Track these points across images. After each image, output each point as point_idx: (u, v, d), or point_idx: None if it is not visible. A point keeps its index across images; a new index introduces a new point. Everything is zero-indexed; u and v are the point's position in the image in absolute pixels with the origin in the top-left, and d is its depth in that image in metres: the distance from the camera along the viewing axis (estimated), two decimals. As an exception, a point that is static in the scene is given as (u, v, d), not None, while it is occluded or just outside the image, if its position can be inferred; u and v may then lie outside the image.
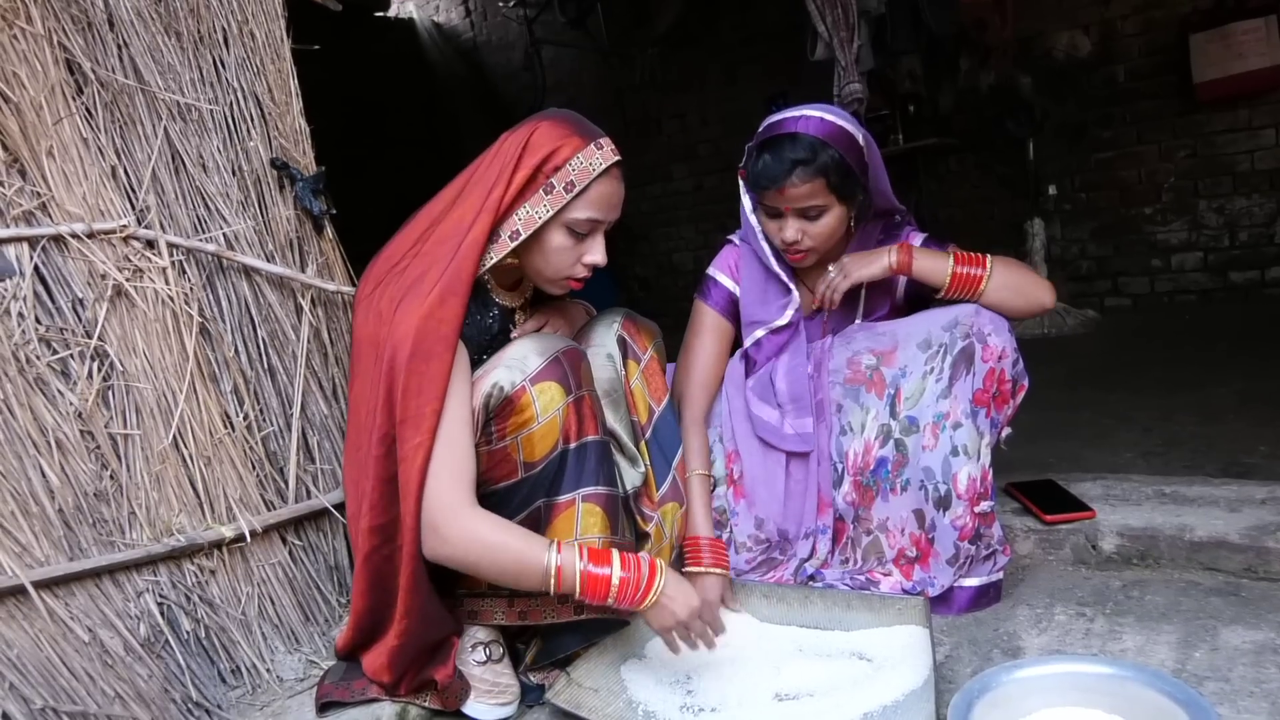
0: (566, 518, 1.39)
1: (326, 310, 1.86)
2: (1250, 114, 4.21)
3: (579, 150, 1.36)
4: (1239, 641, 1.38)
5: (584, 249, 1.42)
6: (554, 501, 1.39)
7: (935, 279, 1.61)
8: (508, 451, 1.36)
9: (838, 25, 3.58)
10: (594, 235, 1.42)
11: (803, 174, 1.58)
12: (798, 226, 1.63)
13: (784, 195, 1.61)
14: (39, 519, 1.38)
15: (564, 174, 1.36)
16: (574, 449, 1.39)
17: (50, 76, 1.52)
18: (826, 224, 1.64)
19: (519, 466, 1.37)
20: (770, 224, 1.69)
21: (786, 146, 1.59)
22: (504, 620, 1.47)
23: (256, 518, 1.62)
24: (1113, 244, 4.70)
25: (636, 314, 1.67)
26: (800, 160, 1.58)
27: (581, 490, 1.39)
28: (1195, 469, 2.12)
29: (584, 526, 1.39)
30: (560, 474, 1.39)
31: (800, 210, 1.62)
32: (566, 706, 1.39)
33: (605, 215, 1.41)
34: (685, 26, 5.76)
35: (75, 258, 1.51)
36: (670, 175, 6.32)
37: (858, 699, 1.33)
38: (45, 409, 1.43)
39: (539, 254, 1.42)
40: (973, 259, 1.60)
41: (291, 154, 1.85)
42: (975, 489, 1.55)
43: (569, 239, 1.40)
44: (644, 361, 1.64)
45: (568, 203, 1.37)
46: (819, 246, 1.66)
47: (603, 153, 1.39)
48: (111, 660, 1.37)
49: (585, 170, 1.36)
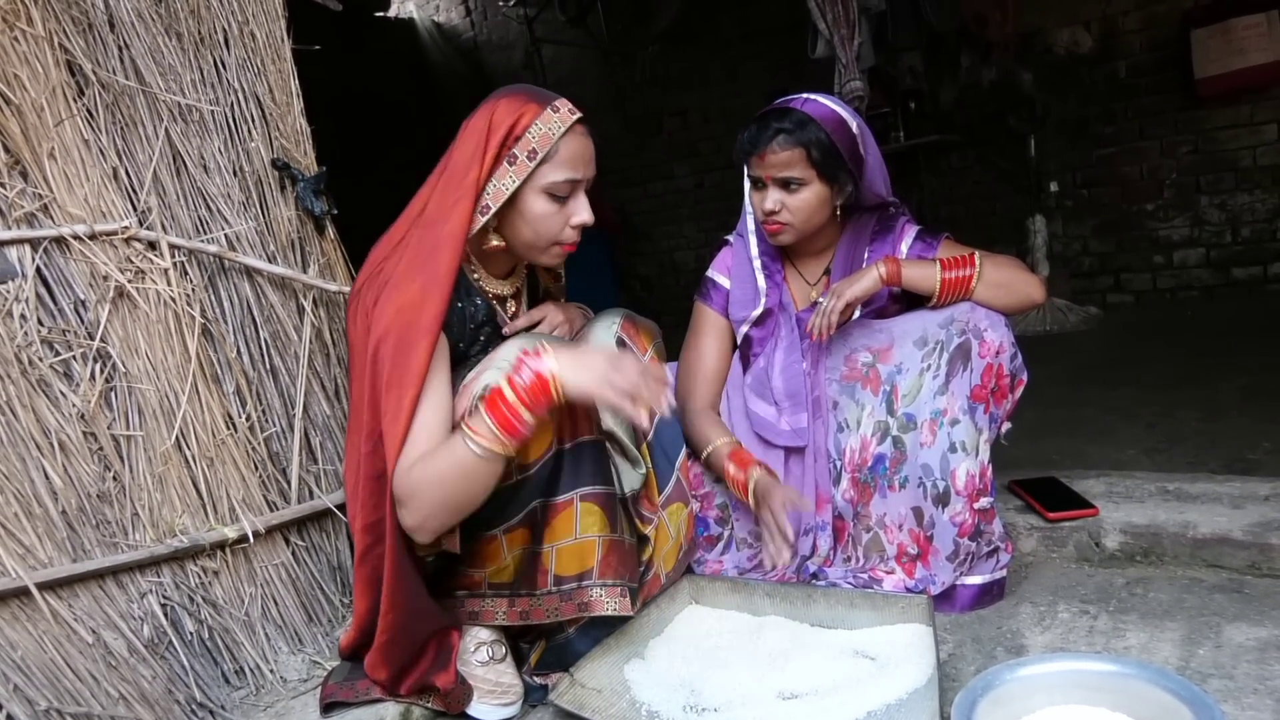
0: (565, 517, 1.39)
1: (328, 311, 1.86)
2: (1252, 109, 4.20)
3: (537, 116, 1.38)
4: (1243, 638, 1.38)
5: (569, 211, 1.43)
6: (551, 502, 1.39)
7: (925, 287, 1.61)
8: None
9: (838, 23, 3.58)
10: (575, 196, 1.43)
11: (784, 141, 1.62)
12: (777, 197, 1.67)
13: (764, 161, 1.65)
14: (42, 520, 1.39)
15: (525, 142, 1.37)
16: (569, 450, 1.39)
17: (51, 78, 1.52)
18: (805, 199, 1.66)
19: (514, 469, 1.36)
20: (755, 196, 1.72)
21: (774, 118, 1.65)
22: (505, 620, 1.47)
23: (259, 518, 1.62)
24: (1115, 240, 4.69)
25: (635, 314, 1.66)
26: (783, 129, 1.62)
27: (580, 490, 1.39)
28: (1198, 465, 2.12)
29: (583, 526, 1.39)
30: (557, 475, 1.39)
31: (780, 180, 1.65)
32: (570, 707, 1.39)
33: (580, 173, 1.42)
34: (686, 23, 5.75)
35: (77, 259, 1.52)
36: (671, 173, 6.31)
37: (861, 697, 1.33)
38: (48, 410, 1.44)
39: (525, 225, 1.42)
40: (960, 261, 1.60)
41: (293, 154, 1.85)
42: (974, 485, 1.55)
43: (551, 204, 1.41)
44: (644, 362, 1.64)
45: (534, 169, 1.38)
46: (796, 222, 1.68)
47: (560, 114, 1.40)
48: (115, 661, 1.37)
49: (545, 136, 1.38)
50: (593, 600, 1.41)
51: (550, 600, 1.42)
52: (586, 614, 1.42)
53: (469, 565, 1.46)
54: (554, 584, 1.41)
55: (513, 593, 1.44)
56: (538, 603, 1.44)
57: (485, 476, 1.26)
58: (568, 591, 1.41)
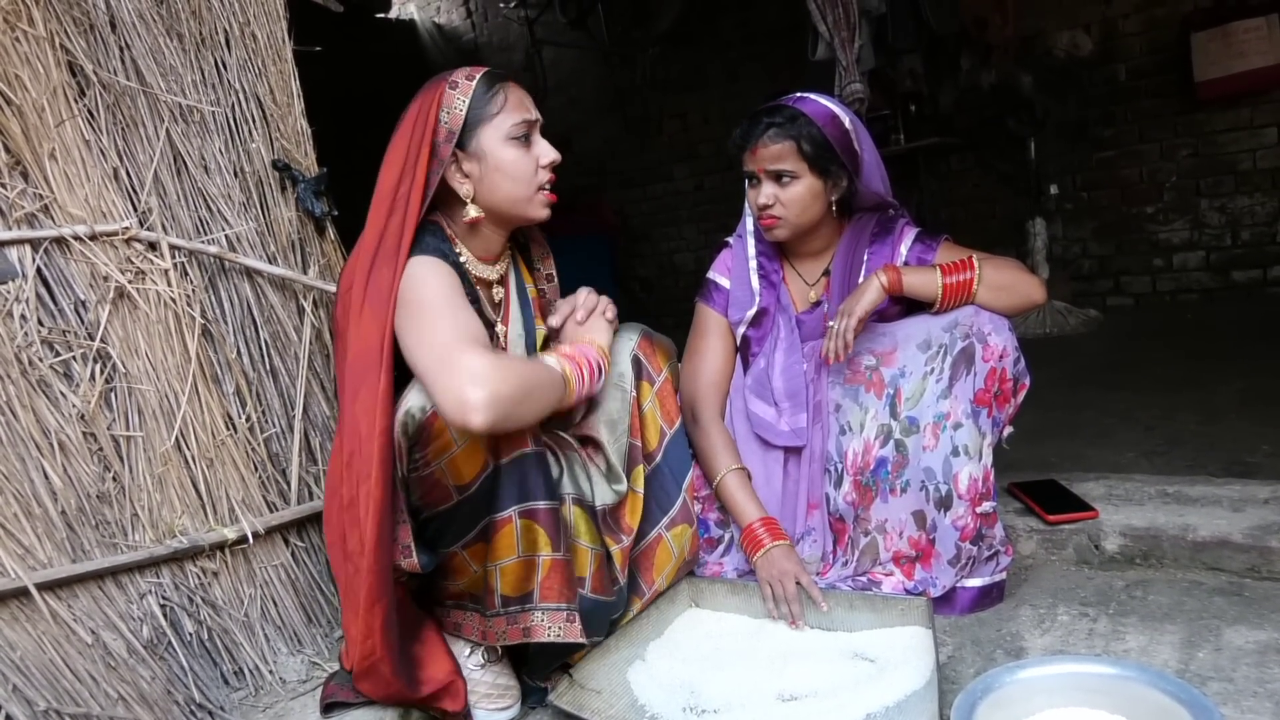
0: (506, 534, 1.34)
1: (328, 312, 1.86)
2: (1252, 113, 4.21)
3: (440, 104, 1.41)
4: (1242, 642, 1.38)
5: (535, 153, 1.47)
6: (494, 519, 1.35)
7: (927, 294, 1.61)
8: (436, 477, 1.31)
9: (839, 25, 3.58)
10: (535, 139, 1.47)
11: (775, 134, 1.65)
12: (770, 191, 1.68)
13: (755, 155, 1.67)
14: (42, 521, 1.38)
15: (440, 131, 1.40)
16: (505, 465, 1.34)
17: (52, 79, 1.52)
18: (797, 192, 1.67)
19: (451, 490, 1.33)
20: (750, 193, 1.74)
21: (766, 114, 1.68)
22: (476, 638, 1.44)
23: (259, 519, 1.62)
24: (1114, 243, 4.69)
25: (654, 331, 1.66)
26: (774, 123, 1.65)
27: (519, 506, 1.35)
28: (1198, 468, 2.12)
29: (524, 544, 1.35)
30: (495, 490, 1.34)
31: (772, 174, 1.67)
32: (569, 708, 1.39)
33: (531, 113, 1.46)
34: (686, 25, 5.75)
35: (77, 260, 1.52)
36: (671, 175, 6.31)
37: (861, 699, 1.33)
38: (48, 411, 1.43)
39: (504, 178, 1.44)
40: (960, 265, 1.60)
41: (293, 155, 1.85)
42: (977, 489, 1.55)
43: (518, 147, 1.44)
44: (658, 384, 1.64)
45: (486, 128, 1.41)
46: (790, 216, 1.69)
47: (459, 88, 1.42)
48: (114, 662, 1.37)
49: (456, 116, 1.41)
50: (535, 626, 1.36)
51: (499, 622, 1.39)
52: (530, 639, 1.37)
53: (446, 578, 1.45)
54: (501, 605, 1.38)
55: (479, 609, 1.43)
56: (490, 624, 1.40)
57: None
58: (513, 614, 1.37)
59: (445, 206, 1.48)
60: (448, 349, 1.23)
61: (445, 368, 1.22)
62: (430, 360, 1.24)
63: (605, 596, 1.50)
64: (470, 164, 1.43)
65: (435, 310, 1.30)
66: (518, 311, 1.58)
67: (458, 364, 1.21)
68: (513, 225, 1.54)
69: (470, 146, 1.42)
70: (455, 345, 1.24)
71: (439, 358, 1.23)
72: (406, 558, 1.35)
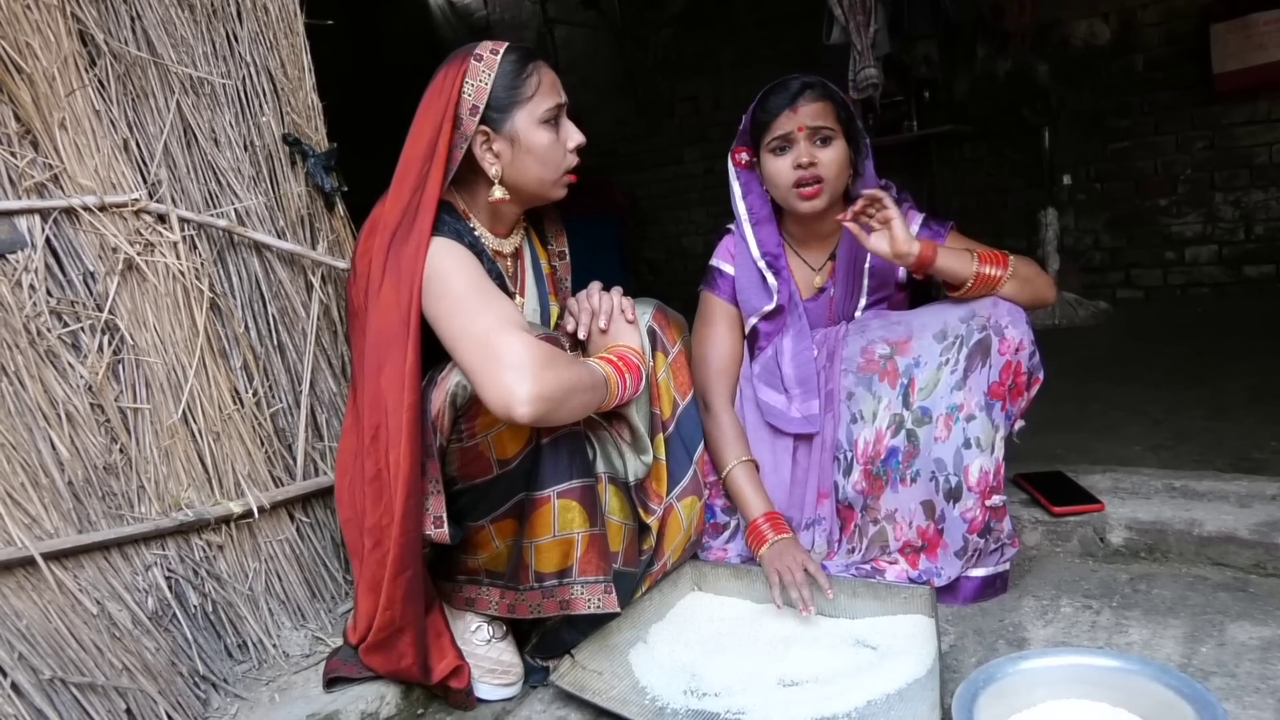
0: (544, 514, 1.38)
1: (336, 288, 1.86)
2: (1270, 106, 4.17)
3: (465, 75, 1.40)
4: (1246, 637, 1.37)
5: (563, 136, 1.47)
6: (533, 496, 1.38)
7: (959, 275, 1.57)
8: (479, 449, 1.35)
9: (854, 9, 3.55)
10: (563, 122, 1.48)
11: (812, 94, 1.65)
12: (811, 150, 1.64)
13: (796, 114, 1.65)
14: (49, 491, 1.39)
15: (464, 104, 1.39)
16: (547, 444, 1.37)
17: (63, 48, 1.51)
18: (836, 154, 1.66)
19: (493, 464, 1.36)
20: (777, 164, 1.68)
21: (791, 81, 1.67)
22: (496, 611, 1.47)
23: (265, 494, 1.62)
24: (1126, 235, 4.66)
25: (667, 306, 1.67)
26: (809, 84, 1.65)
27: (557, 487, 1.38)
28: (1205, 463, 2.11)
29: (561, 523, 1.38)
30: (537, 468, 1.38)
31: (813, 130, 1.64)
32: (570, 689, 1.40)
33: (561, 97, 1.47)
34: (699, 7, 5.71)
35: (86, 230, 1.51)
36: (681, 158, 6.28)
37: (862, 686, 1.33)
38: (56, 381, 1.44)
39: (535, 161, 1.44)
40: (996, 258, 1.57)
41: (304, 130, 1.84)
42: (987, 482, 1.54)
43: (550, 131, 1.44)
44: (672, 354, 1.65)
45: (520, 110, 1.41)
46: (830, 177, 1.65)
47: (484, 61, 1.41)
48: (119, 632, 1.38)
49: (480, 89, 1.39)
50: (574, 599, 1.40)
51: (533, 596, 1.42)
52: (569, 612, 1.41)
53: (464, 552, 1.47)
54: (535, 580, 1.41)
55: (504, 584, 1.45)
56: (522, 598, 1.43)
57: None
58: (550, 589, 1.41)
59: (460, 183, 1.47)
60: (489, 340, 1.25)
61: (489, 362, 1.24)
62: (474, 356, 1.26)
63: (633, 568, 1.54)
64: (501, 144, 1.43)
65: (469, 301, 1.30)
66: (533, 286, 1.60)
67: (501, 357, 1.23)
68: (531, 204, 1.55)
69: (503, 128, 1.42)
70: (496, 334, 1.25)
71: (481, 351, 1.25)
72: (438, 528, 1.36)
